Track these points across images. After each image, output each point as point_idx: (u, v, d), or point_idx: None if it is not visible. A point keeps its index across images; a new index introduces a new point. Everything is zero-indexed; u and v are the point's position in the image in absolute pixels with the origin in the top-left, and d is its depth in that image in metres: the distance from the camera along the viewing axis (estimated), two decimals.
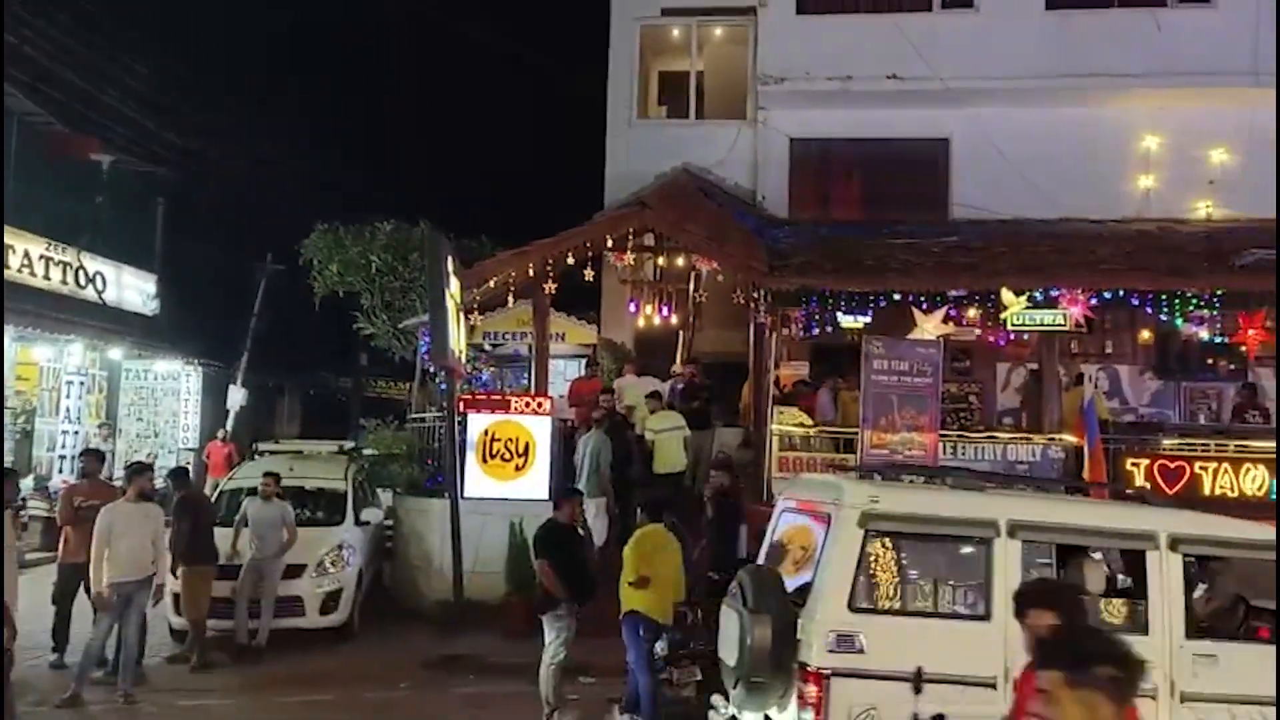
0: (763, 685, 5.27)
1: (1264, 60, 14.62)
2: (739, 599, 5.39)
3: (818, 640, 5.18)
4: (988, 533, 5.40)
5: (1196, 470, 12.04)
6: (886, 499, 5.51)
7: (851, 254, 13.15)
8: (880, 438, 11.91)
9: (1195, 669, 5.31)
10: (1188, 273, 12.39)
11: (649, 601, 7.75)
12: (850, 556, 5.31)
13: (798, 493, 6.61)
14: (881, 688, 5.04)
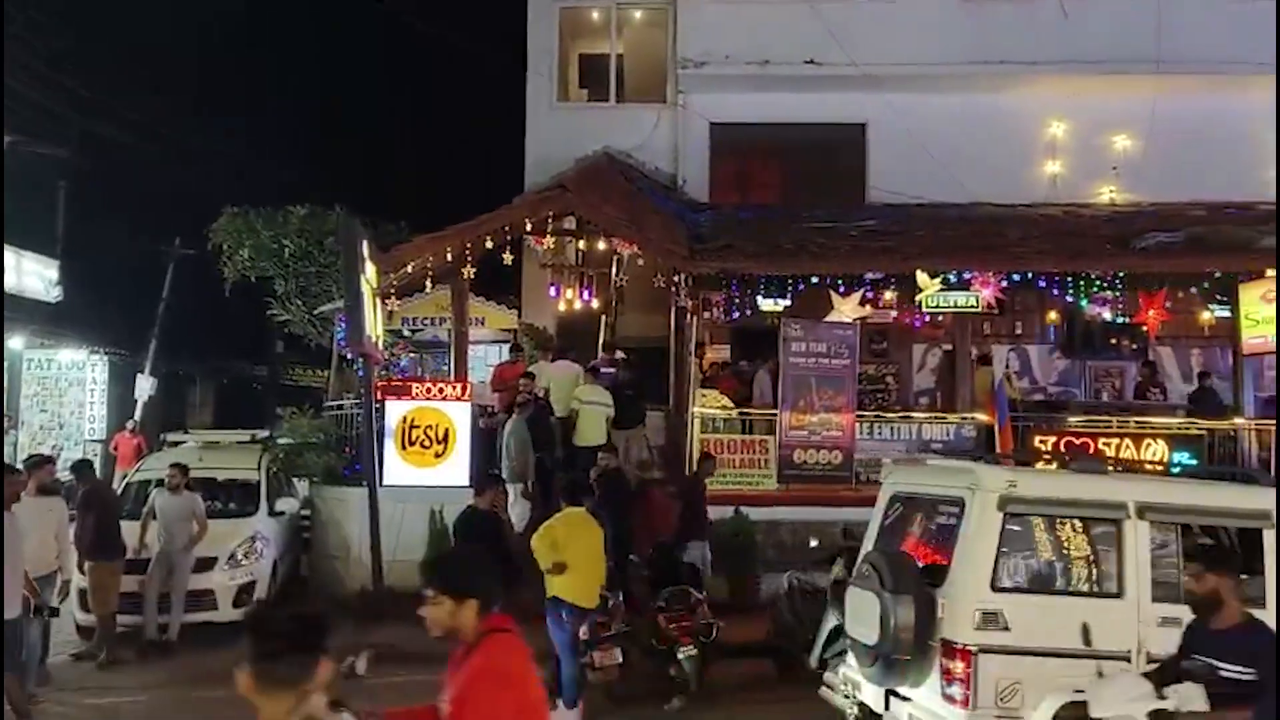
0: (906, 663, 5.48)
1: (1166, 48, 15.13)
2: (875, 580, 5.58)
3: (964, 618, 5.37)
4: (1118, 514, 5.62)
5: (1100, 446, 12.45)
6: (1023, 483, 5.71)
7: (770, 238, 13.27)
8: (799, 419, 12.08)
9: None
10: (1091, 255, 12.81)
11: (569, 586, 7.74)
12: (991, 538, 5.50)
13: (909, 478, 6.80)
14: (1025, 663, 5.27)
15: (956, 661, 5.30)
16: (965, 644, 5.31)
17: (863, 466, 12.40)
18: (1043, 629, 5.34)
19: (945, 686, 5.37)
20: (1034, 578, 5.66)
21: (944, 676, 5.36)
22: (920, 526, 6.26)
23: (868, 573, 5.77)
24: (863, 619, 5.72)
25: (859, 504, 11.62)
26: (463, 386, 12.14)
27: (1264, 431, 12.84)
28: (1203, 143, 15.29)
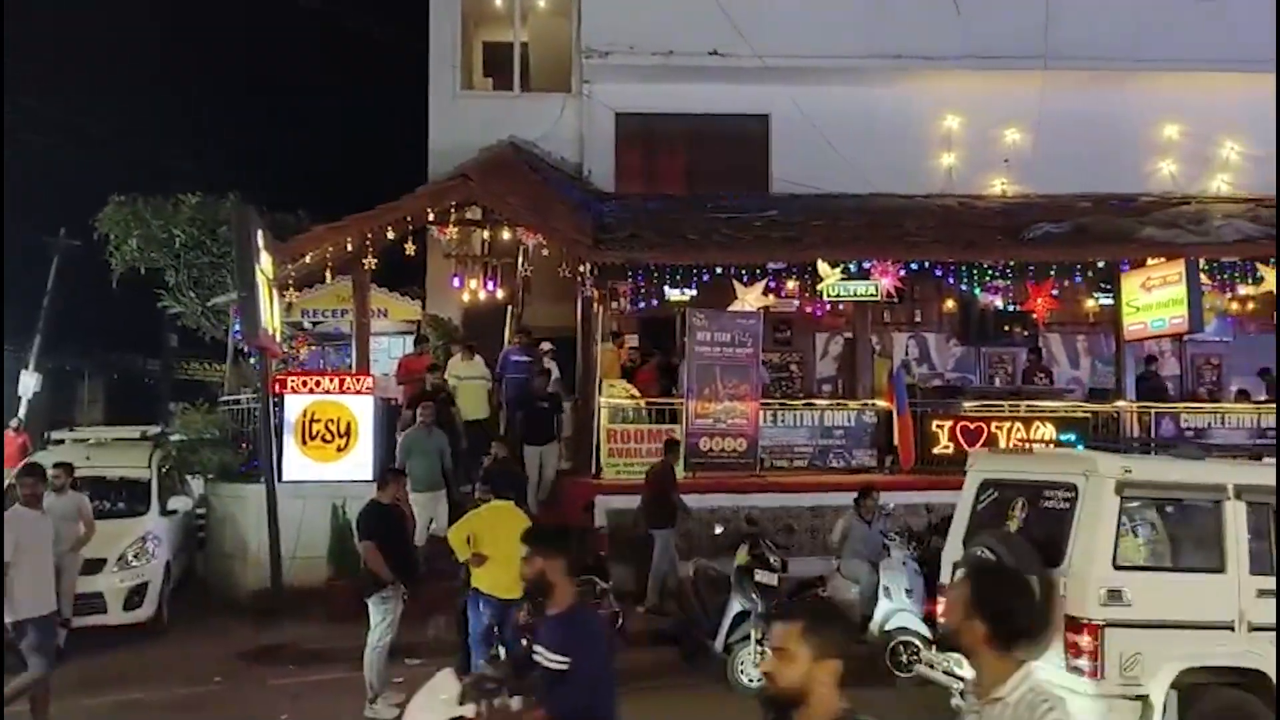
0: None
1: (1053, 45, 15.67)
2: (994, 559, 5.85)
3: (1090, 596, 5.67)
4: (1219, 495, 5.99)
5: (993, 429, 12.91)
6: (1137, 469, 6.07)
7: (675, 228, 13.35)
8: (704, 408, 12.19)
9: None
10: (984, 245, 13.23)
11: (490, 579, 7.71)
12: (1110, 520, 5.83)
13: (1001, 465, 7.15)
14: (1144, 635, 5.63)
15: (1084, 636, 5.62)
16: (1092, 619, 5.62)
17: (767, 454, 12.60)
18: (1158, 603, 5.70)
19: (1071, 660, 5.66)
20: (1149, 556, 6.02)
21: (1070, 650, 5.67)
22: (1021, 511, 6.49)
23: (982, 555, 6.06)
24: None
25: (763, 491, 11.90)
26: (365, 379, 11.91)
27: (1143, 413, 13.47)
28: (1089, 137, 15.88)
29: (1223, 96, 16.18)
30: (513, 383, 12.92)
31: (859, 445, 12.84)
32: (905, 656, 8.60)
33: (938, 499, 10.97)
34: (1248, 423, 13.62)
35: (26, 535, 6.78)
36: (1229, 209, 14.37)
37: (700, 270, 12.81)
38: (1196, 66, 15.95)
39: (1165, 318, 12.79)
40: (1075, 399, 14.65)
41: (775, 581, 8.43)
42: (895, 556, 9.00)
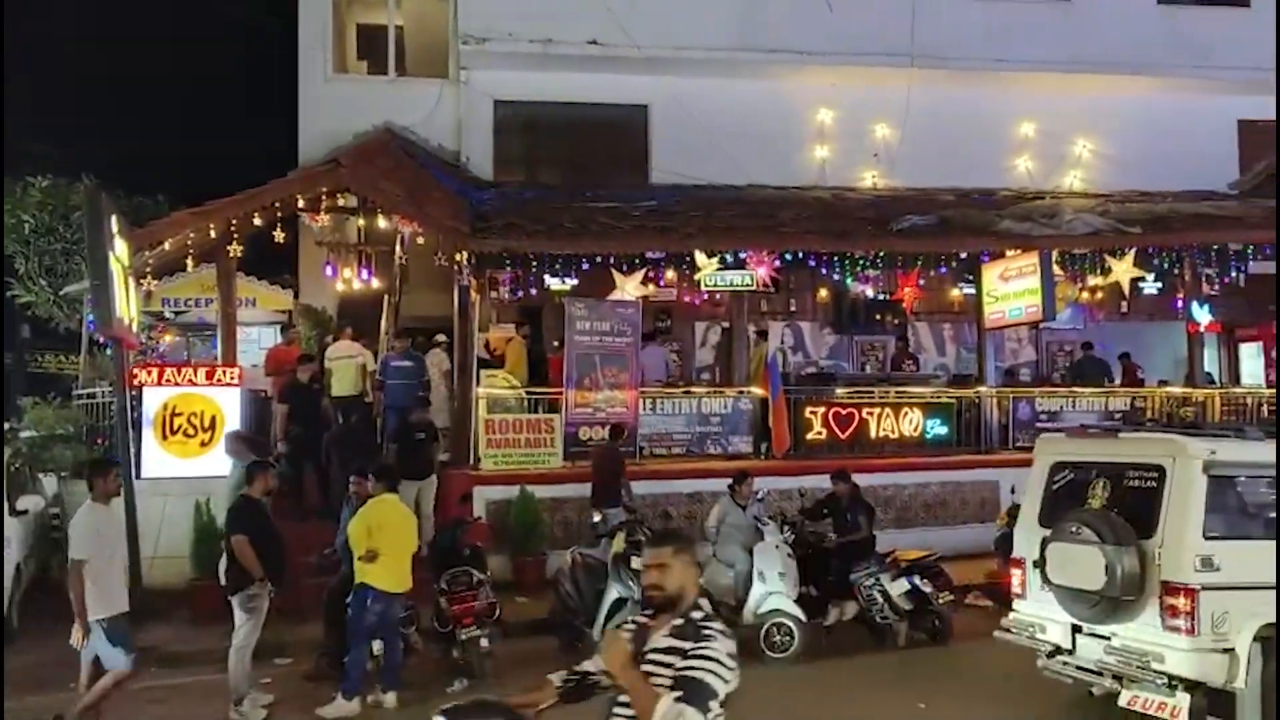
0: (1129, 603, 6.42)
1: (919, 44, 16.23)
2: (1094, 534, 6.52)
3: (1185, 563, 6.31)
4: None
5: (864, 415, 13.33)
6: (1221, 450, 6.68)
7: (554, 217, 13.30)
8: (583, 397, 12.22)
9: None
10: (855, 236, 13.60)
11: (380, 574, 7.60)
12: (1199, 495, 6.47)
13: (1074, 448, 7.66)
14: (1230, 596, 6.28)
15: (1181, 599, 6.27)
16: (1188, 584, 6.26)
17: (646, 441, 12.70)
18: (1240, 568, 6.38)
19: (1168, 620, 6.31)
20: (1231, 526, 6.60)
21: (1167, 612, 6.32)
22: (1104, 490, 7.04)
23: (1077, 530, 6.68)
24: (1080, 570, 6.63)
25: (642, 479, 11.99)
26: (231, 371, 11.50)
27: (1002, 398, 14.12)
28: (954, 133, 16.52)
29: (1076, 97, 17.07)
30: (394, 391, 12.15)
31: (736, 432, 13.07)
32: (779, 638, 8.83)
33: (811, 483, 11.33)
34: (1096, 405, 14.43)
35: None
36: (1080, 204, 15.16)
37: (579, 260, 12.80)
38: (1052, 68, 16.79)
39: (1021, 307, 13.42)
40: (941, 384, 15.26)
41: None
42: (769, 541, 9.21)
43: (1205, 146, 17.41)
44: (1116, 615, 6.55)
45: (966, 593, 10.70)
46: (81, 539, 6.61)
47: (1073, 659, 6.95)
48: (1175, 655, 6.22)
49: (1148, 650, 6.37)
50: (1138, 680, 6.45)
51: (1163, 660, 6.29)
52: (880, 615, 9.27)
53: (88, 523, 6.73)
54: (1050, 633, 7.10)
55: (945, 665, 8.78)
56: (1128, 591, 6.41)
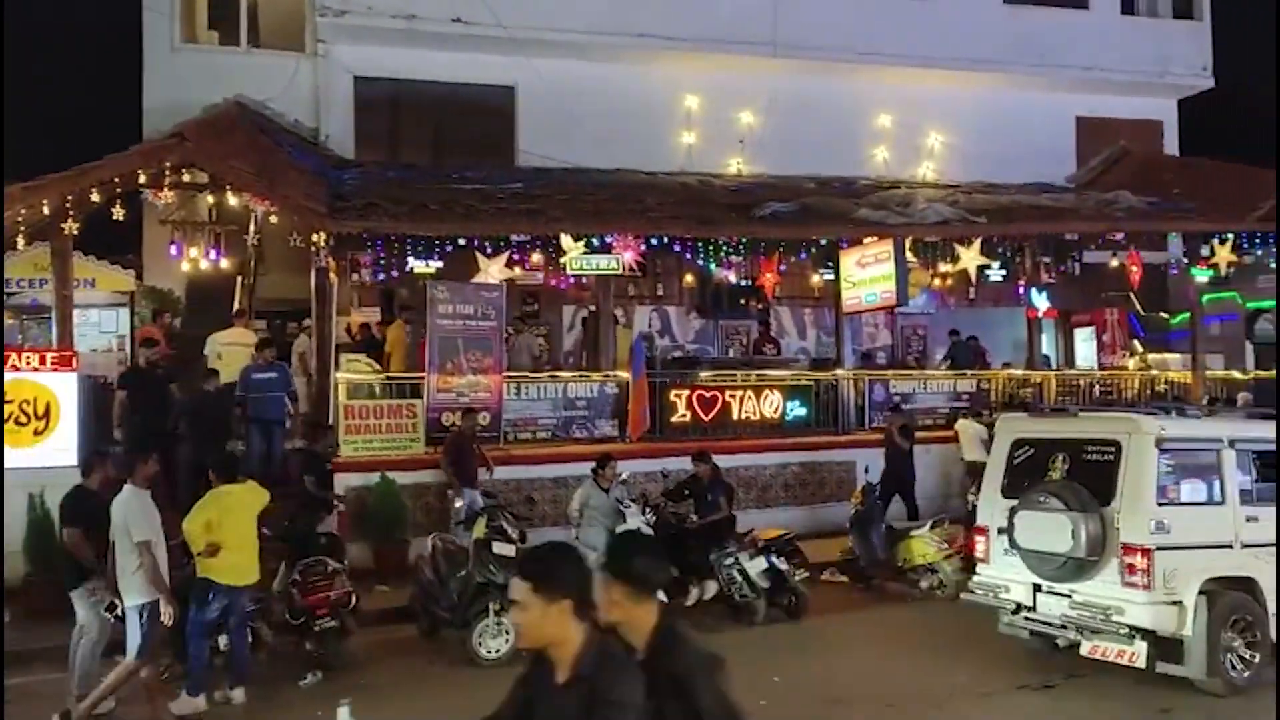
0: (1093, 563, 7.20)
1: (782, 34, 16.58)
2: (1061, 503, 7.30)
3: (1142, 527, 7.11)
4: (1219, 445, 7.58)
5: (727, 398, 13.58)
6: (1170, 427, 7.52)
7: (417, 198, 13.02)
8: (446, 381, 12.04)
9: None
10: (719, 222, 13.80)
11: (224, 567, 7.32)
12: (1152, 467, 7.26)
13: (1034, 425, 8.42)
14: (1178, 555, 7.12)
15: (1139, 558, 7.07)
16: (1145, 545, 7.08)
17: (511, 426, 12.62)
18: (1188, 529, 7.23)
19: (1127, 577, 7.11)
20: (1178, 493, 7.42)
21: (1126, 570, 7.11)
22: (1064, 464, 7.73)
23: (1045, 500, 7.44)
24: (1047, 535, 7.40)
25: (508, 464, 11.92)
26: (67, 355, 10.84)
27: (859, 380, 14.62)
28: (815, 122, 16.98)
29: (930, 91, 17.77)
30: (257, 405, 11.41)
31: (601, 416, 13.13)
32: None
33: (675, 465, 11.48)
34: (946, 387, 15.11)
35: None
36: (932, 194, 15.79)
37: (442, 242, 12.58)
38: (907, 62, 17.44)
39: (877, 292, 13.91)
40: (801, 367, 15.69)
41: (513, 553, 8.47)
42: (631, 523, 9.28)
43: (1046, 141, 18.43)
44: (1081, 574, 7.31)
45: (823, 570, 11.07)
46: (141, 523, 6.76)
47: (1034, 615, 7.74)
48: (1133, 608, 7.04)
49: (1109, 604, 7.16)
50: (1099, 631, 7.25)
51: (1123, 613, 7.09)
52: (739, 594, 9.49)
53: (141, 507, 6.87)
54: (1013, 592, 7.87)
55: (801, 640, 9.06)
56: (1092, 553, 7.18)
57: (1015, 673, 7.77)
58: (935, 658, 8.38)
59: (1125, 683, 7.43)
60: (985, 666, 7.99)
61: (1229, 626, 7.19)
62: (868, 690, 7.46)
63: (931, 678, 7.72)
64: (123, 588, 6.83)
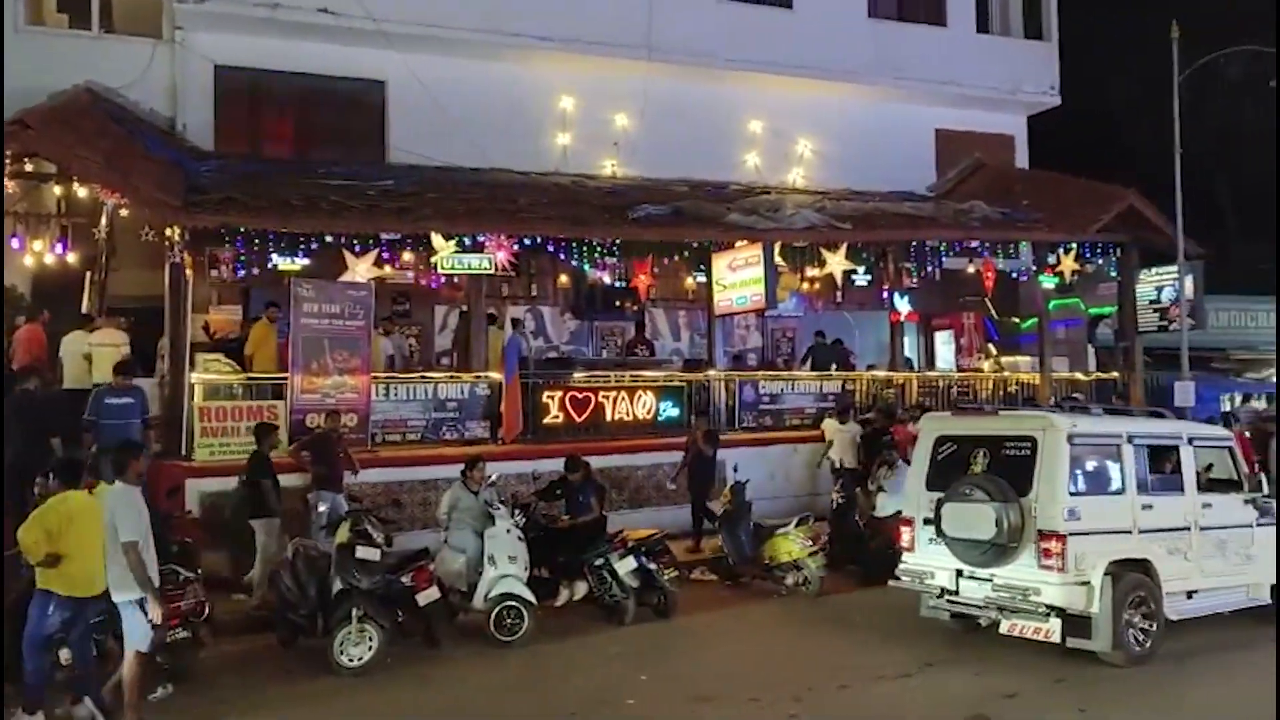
0: (1013, 549, 7.82)
1: (656, 38, 16.73)
2: (984, 494, 7.90)
3: (1057, 515, 7.76)
4: (1120, 440, 8.31)
5: (600, 399, 13.62)
6: (1080, 424, 8.23)
7: (280, 193, 12.62)
8: (311, 382, 11.70)
9: (1203, 511, 8.62)
10: (593, 223, 13.83)
11: (64, 579, 6.90)
12: (1065, 460, 7.91)
13: (957, 424, 9.03)
14: (1087, 540, 7.81)
15: (1054, 543, 7.72)
16: (1059, 531, 7.72)
17: (379, 428, 12.35)
18: (1095, 517, 7.94)
19: (1043, 560, 7.75)
20: (1086, 484, 8.09)
21: (1043, 554, 7.75)
22: (984, 459, 8.32)
23: (969, 491, 8.02)
24: (972, 524, 7.98)
25: (376, 466, 11.67)
26: None
27: (729, 381, 14.88)
28: (688, 126, 17.20)
29: (799, 99, 18.25)
30: (110, 433, 9.76)
31: (473, 417, 12.97)
32: (510, 621, 8.86)
33: (547, 467, 11.45)
34: (813, 388, 15.52)
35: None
36: (800, 200, 16.21)
37: (307, 239, 12.22)
38: (777, 70, 17.87)
39: (747, 295, 14.20)
40: (674, 369, 15.86)
41: (378, 557, 8.31)
42: (500, 525, 9.22)
43: (908, 151, 19.17)
44: (1002, 559, 7.93)
45: (693, 568, 11.22)
46: (128, 521, 6.70)
47: (958, 598, 8.37)
48: (1049, 589, 7.72)
49: (1027, 586, 7.82)
50: (1018, 611, 7.93)
51: (1039, 593, 7.76)
52: (609, 594, 9.54)
53: (130, 504, 6.81)
54: (938, 578, 8.48)
55: (669, 638, 9.17)
56: (1013, 539, 7.82)
57: (875, 664, 8.05)
58: (798, 653, 8.63)
59: (965, 676, 7.83)
60: (846, 659, 8.26)
61: (1129, 604, 7.87)
62: (733, 686, 7.60)
63: (794, 672, 7.93)
64: (116, 582, 6.72)
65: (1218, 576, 8.66)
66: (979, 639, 8.66)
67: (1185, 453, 8.75)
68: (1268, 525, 9.00)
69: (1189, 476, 8.70)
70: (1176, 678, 7.70)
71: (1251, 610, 8.91)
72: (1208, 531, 8.63)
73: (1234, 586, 8.82)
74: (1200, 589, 8.52)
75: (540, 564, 9.64)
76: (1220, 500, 8.85)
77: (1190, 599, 8.46)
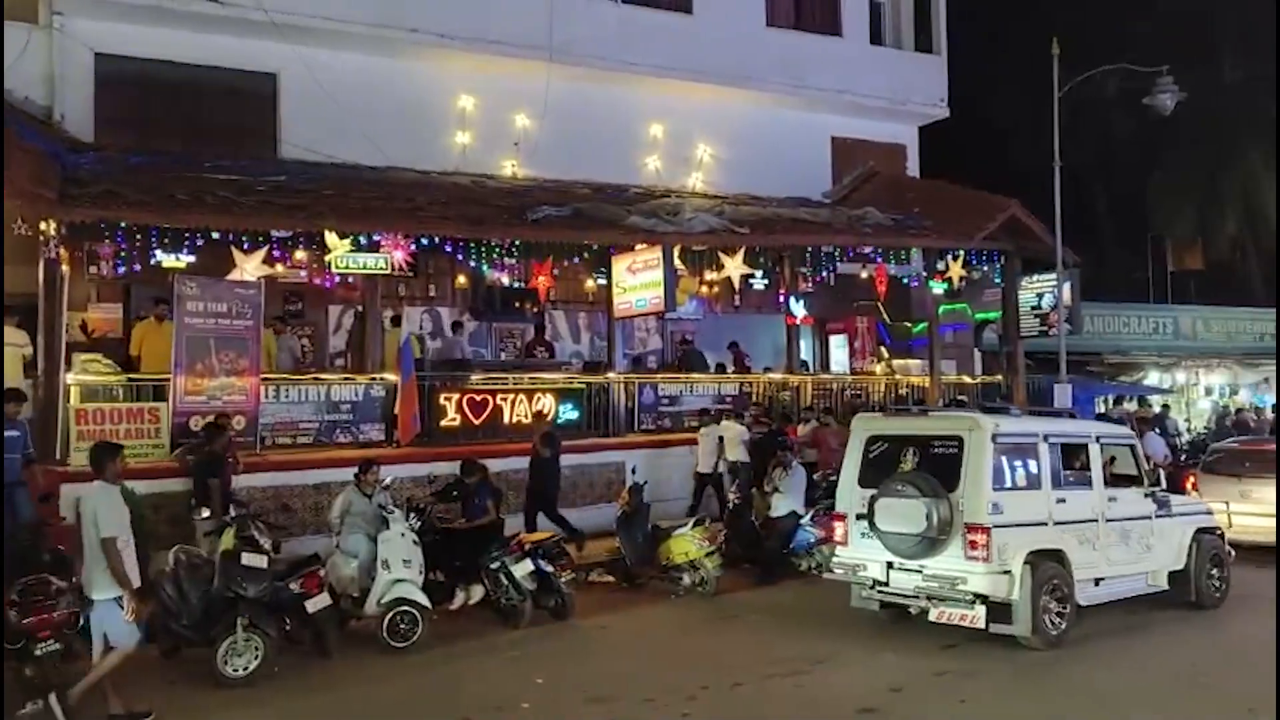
0: (942, 541, 8.25)
1: (557, 40, 16.69)
2: (916, 490, 8.36)
3: (982, 509, 8.25)
4: (1036, 439, 8.85)
5: (498, 401, 13.51)
6: (1002, 424, 8.76)
7: (164, 186, 12.16)
8: (196, 384, 11.30)
9: (1109, 504, 9.18)
10: (492, 224, 13.72)
11: None
12: (989, 458, 8.41)
13: (889, 424, 9.58)
14: (1009, 531, 8.31)
15: (980, 535, 8.18)
16: (984, 524, 8.21)
17: (268, 431, 12.00)
18: (1016, 510, 8.45)
19: (969, 551, 8.21)
20: (1007, 480, 8.59)
21: (969, 546, 8.21)
22: (914, 456, 8.75)
23: (901, 489, 8.47)
24: (903, 518, 8.43)
25: (265, 470, 11.36)
26: None
27: (629, 384, 14.94)
28: (590, 128, 17.26)
29: (699, 104, 18.47)
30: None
31: (367, 419, 12.72)
32: (404, 626, 8.72)
33: (444, 469, 11.33)
34: (711, 390, 15.70)
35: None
36: (700, 204, 16.38)
37: (192, 234, 11.80)
38: (677, 75, 18.05)
39: (647, 298, 14.28)
40: (574, 371, 15.85)
41: (265, 564, 8.09)
42: (394, 529, 9.06)
43: (805, 158, 19.59)
44: (932, 551, 8.36)
45: (590, 570, 11.22)
46: (109, 518, 6.84)
47: (889, 589, 8.79)
48: (974, 578, 8.20)
49: (955, 575, 8.28)
50: (946, 599, 8.41)
51: (966, 582, 8.23)
52: (505, 597, 9.47)
53: (110, 502, 6.94)
54: (870, 569, 8.89)
55: (566, 641, 9.15)
56: (942, 532, 8.26)
57: (768, 662, 8.18)
58: (694, 652, 8.70)
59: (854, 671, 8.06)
60: (741, 657, 8.37)
61: (1046, 591, 8.40)
62: (629, 687, 7.63)
63: (689, 672, 7.99)
64: (93, 581, 6.83)
65: (1122, 565, 9.27)
66: (870, 635, 8.92)
67: (1093, 450, 9.33)
68: (1165, 517, 9.65)
69: (1097, 472, 9.26)
70: (1055, 668, 8.04)
71: (1149, 596, 9.57)
72: (1113, 523, 9.20)
73: (1136, 574, 9.44)
74: (1106, 576, 9.11)
75: (436, 568, 9.52)
76: (1124, 494, 9.45)
77: (1098, 586, 9.03)
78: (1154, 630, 9.19)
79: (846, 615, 9.33)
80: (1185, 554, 9.73)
